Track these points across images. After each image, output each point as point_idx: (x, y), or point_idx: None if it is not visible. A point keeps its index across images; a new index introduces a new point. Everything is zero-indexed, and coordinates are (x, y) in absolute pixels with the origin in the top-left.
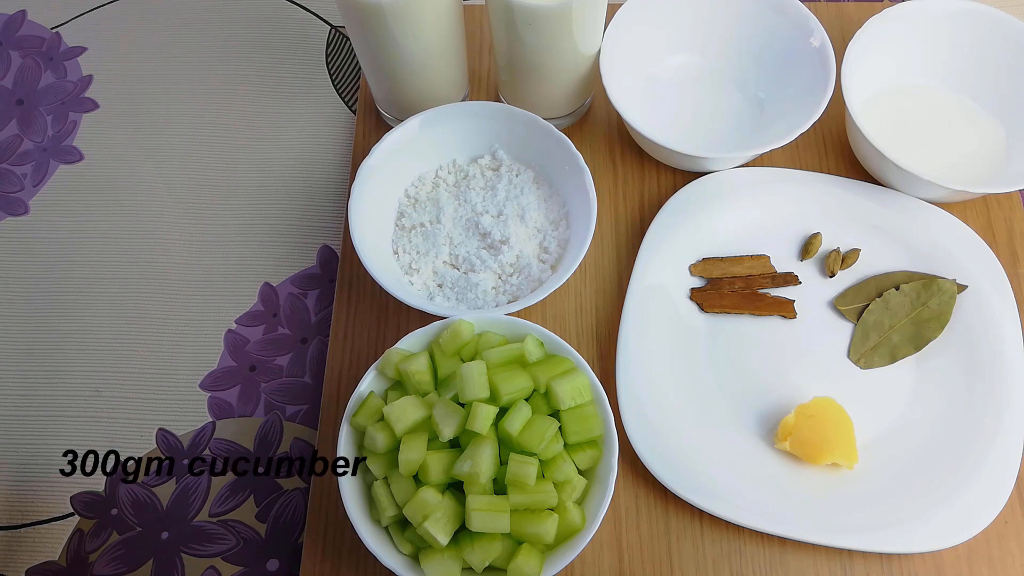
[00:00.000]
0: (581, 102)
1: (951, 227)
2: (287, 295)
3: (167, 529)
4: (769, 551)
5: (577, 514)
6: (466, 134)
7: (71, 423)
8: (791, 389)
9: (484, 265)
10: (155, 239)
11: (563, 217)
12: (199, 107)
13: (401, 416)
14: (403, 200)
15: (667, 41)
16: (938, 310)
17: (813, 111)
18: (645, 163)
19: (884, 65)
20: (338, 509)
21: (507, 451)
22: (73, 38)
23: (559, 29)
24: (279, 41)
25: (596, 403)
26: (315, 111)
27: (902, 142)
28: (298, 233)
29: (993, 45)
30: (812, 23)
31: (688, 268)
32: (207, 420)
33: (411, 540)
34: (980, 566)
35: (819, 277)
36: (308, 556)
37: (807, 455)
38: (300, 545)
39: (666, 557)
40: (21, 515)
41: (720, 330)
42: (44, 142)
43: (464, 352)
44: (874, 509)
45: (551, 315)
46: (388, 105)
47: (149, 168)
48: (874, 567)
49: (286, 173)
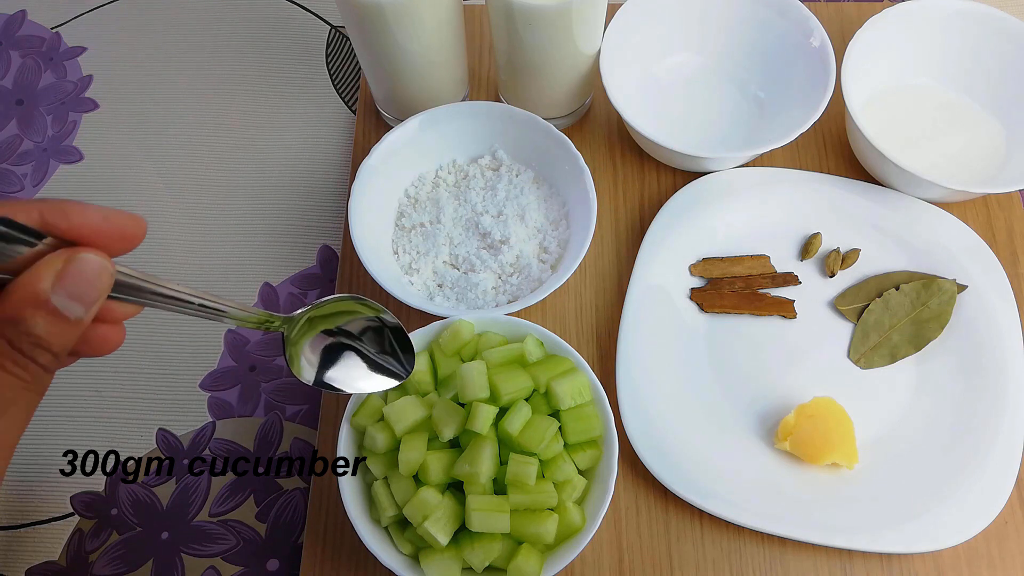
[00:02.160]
0: (581, 102)
1: (951, 227)
2: (287, 295)
3: (167, 529)
4: (769, 551)
5: (577, 514)
6: (466, 134)
7: (71, 423)
8: (791, 389)
9: (484, 265)
10: (155, 239)
11: (563, 217)
12: (199, 107)
13: (401, 416)
14: (403, 200)
15: (667, 41)
16: (938, 310)
17: (813, 111)
18: (645, 163)
19: (884, 65)
20: (338, 509)
21: (507, 451)
22: (73, 38)
23: (559, 29)
24: (279, 41)
25: (596, 403)
26: (315, 111)
27: (902, 142)
28: (298, 233)
29: (993, 45)
30: (812, 23)
31: (688, 268)
32: (207, 420)
33: (411, 540)
34: (980, 566)
35: (819, 277)
36: (308, 556)
37: (807, 455)
38: (300, 545)
39: (666, 557)
40: (21, 515)
41: (720, 330)
42: (44, 142)
43: (464, 352)
44: (874, 509)
45: (551, 315)
46: (388, 105)
47: (149, 168)
48: (874, 567)
49: (286, 173)
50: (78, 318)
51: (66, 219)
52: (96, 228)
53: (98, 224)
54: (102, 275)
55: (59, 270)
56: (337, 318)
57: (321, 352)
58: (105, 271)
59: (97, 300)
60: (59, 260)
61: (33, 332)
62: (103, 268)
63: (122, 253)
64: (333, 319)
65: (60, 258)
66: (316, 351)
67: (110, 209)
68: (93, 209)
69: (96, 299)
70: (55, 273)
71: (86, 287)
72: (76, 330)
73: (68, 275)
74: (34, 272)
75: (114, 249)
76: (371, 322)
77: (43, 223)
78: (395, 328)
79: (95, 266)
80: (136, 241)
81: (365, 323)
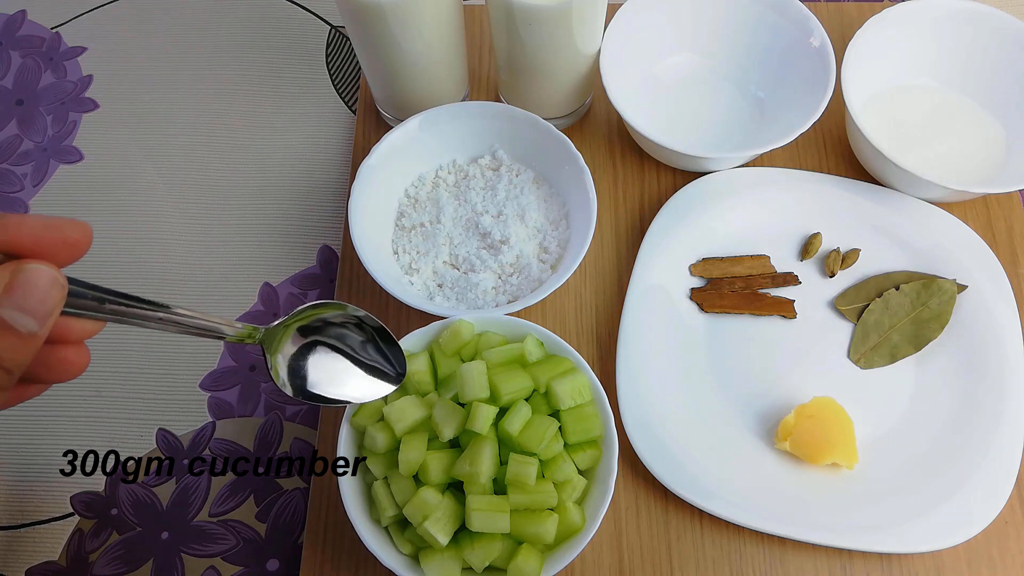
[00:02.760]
0: (581, 102)
1: (951, 227)
2: (287, 295)
3: (167, 529)
4: (769, 551)
5: (577, 514)
6: (466, 134)
7: (71, 423)
8: (791, 389)
9: (484, 265)
10: (155, 239)
11: (563, 217)
12: (199, 107)
13: (401, 416)
14: (403, 200)
15: (667, 41)
16: (938, 310)
17: (813, 111)
18: (645, 163)
19: (884, 65)
20: (338, 509)
21: (507, 451)
22: (73, 38)
23: (559, 29)
24: (279, 41)
25: (596, 403)
26: (315, 111)
27: (902, 142)
28: (298, 233)
29: (993, 45)
30: (812, 23)
31: (688, 268)
32: (207, 420)
33: (411, 540)
34: (980, 566)
35: (819, 277)
36: (308, 556)
37: (807, 455)
38: (300, 545)
39: (666, 557)
40: (21, 515)
41: (720, 330)
42: (44, 142)
43: (464, 352)
44: (874, 509)
45: (551, 315)
46: (388, 105)
47: (149, 168)
48: (874, 567)
49: (286, 173)
50: (31, 332)
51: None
52: (38, 238)
53: (40, 233)
54: (53, 286)
55: (7, 283)
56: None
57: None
58: (56, 282)
59: (51, 313)
60: (4, 272)
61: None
62: (53, 279)
63: (70, 263)
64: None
65: (5, 270)
66: (301, 360)
67: (51, 217)
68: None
69: (49, 312)
70: (2, 286)
71: (37, 300)
72: (30, 345)
73: (16, 287)
74: None
75: (60, 259)
76: (351, 322)
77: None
78: (378, 328)
79: (45, 277)
80: (82, 248)
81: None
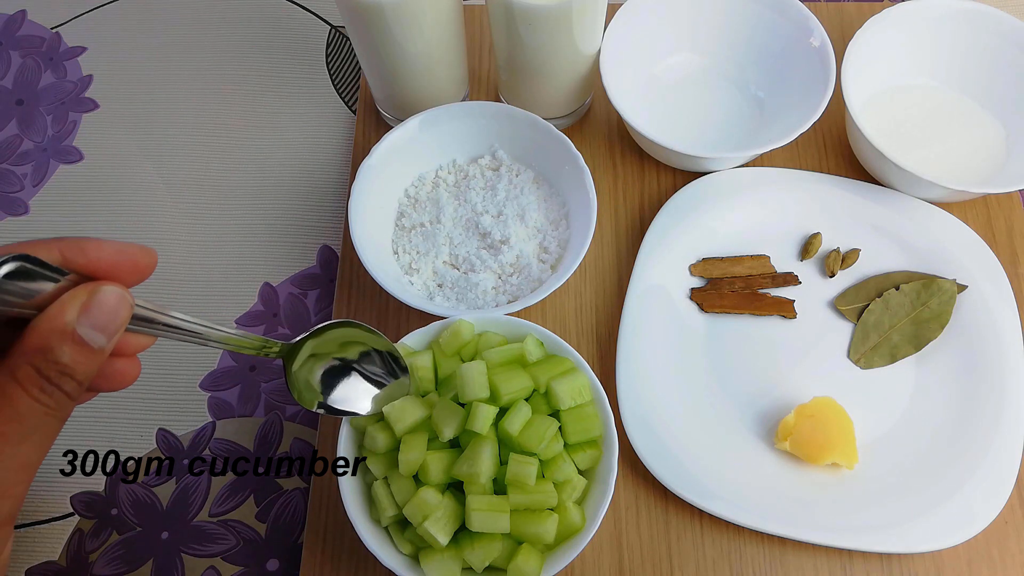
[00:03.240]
0: (581, 102)
1: (951, 227)
2: (287, 295)
3: (167, 529)
4: (769, 551)
5: (577, 514)
6: (466, 134)
7: (71, 423)
8: (791, 389)
9: (484, 265)
10: (155, 239)
11: (563, 217)
12: (199, 107)
13: (401, 416)
14: (403, 200)
15: (667, 41)
16: (938, 310)
17: (813, 111)
18: (645, 163)
19: (884, 65)
20: (338, 509)
21: (507, 451)
22: (73, 38)
23: (559, 29)
24: (279, 41)
25: (596, 403)
26: (315, 111)
27: (902, 142)
28: (298, 233)
29: (993, 45)
30: (812, 23)
31: (688, 268)
32: (207, 420)
33: (411, 540)
34: (980, 566)
35: (819, 277)
36: (308, 556)
37: (807, 455)
38: (300, 545)
39: (666, 557)
40: (21, 515)
41: (720, 330)
42: (44, 142)
43: (464, 352)
44: (874, 509)
45: (551, 315)
46: (388, 105)
47: (149, 168)
48: (874, 567)
49: (286, 173)
50: (100, 347)
51: (84, 255)
52: (112, 262)
53: (113, 258)
54: (122, 306)
55: (84, 302)
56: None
57: (321, 377)
58: (124, 302)
59: (118, 330)
60: (83, 293)
61: (60, 361)
62: (122, 299)
63: (136, 284)
64: (332, 347)
65: (84, 291)
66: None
67: (123, 243)
68: (107, 244)
69: (117, 329)
70: (80, 305)
71: (108, 318)
72: (98, 359)
73: (92, 307)
74: (60, 305)
75: (128, 281)
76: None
77: (63, 260)
78: (390, 352)
79: (115, 298)
80: (148, 272)
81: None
